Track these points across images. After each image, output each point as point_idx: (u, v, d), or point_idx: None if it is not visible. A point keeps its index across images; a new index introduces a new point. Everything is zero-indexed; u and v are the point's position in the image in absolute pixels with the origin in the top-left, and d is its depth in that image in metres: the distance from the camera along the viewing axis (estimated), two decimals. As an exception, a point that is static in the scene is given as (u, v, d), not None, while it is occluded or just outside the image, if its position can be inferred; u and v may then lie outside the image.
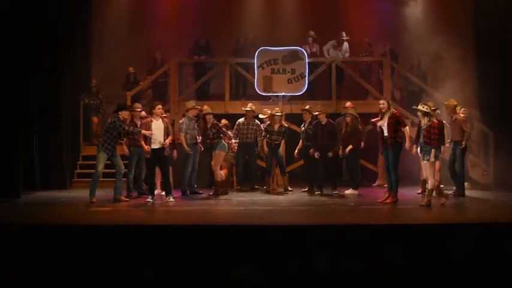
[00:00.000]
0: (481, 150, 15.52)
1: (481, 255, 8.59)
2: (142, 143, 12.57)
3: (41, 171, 15.11)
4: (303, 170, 15.15)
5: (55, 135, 15.43)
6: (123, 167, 12.81)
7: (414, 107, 12.17)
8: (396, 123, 12.00)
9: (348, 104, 14.64)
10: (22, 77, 14.11)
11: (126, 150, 13.49)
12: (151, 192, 12.66)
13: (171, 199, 12.60)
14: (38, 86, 14.87)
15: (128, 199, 12.87)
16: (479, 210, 11.73)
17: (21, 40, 14.03)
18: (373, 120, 13.28)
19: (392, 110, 12.14)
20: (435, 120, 11.78)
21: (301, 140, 14.42)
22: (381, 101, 12.34)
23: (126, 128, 12.54)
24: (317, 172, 14.05)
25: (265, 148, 14.49)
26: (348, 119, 13.88)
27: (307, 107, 14.53)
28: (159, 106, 12.84)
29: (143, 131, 12.46)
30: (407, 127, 12.22)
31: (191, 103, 14.02)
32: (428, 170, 11.75)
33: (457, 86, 14.65)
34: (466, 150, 13.55)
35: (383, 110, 12.19)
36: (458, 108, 13.61)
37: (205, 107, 13.94)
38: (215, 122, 13.65)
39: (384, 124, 12.15)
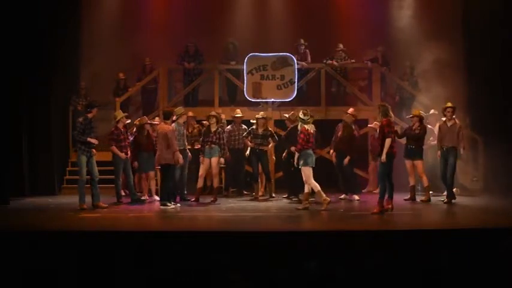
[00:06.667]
0: (470, 155, 15.52)
1: (471, 260, 8.61)
2: (117, 150, 13.23)
3: (30, 177, 15.04)
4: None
5: (44, 140, 15.37)
6: (98, 173, 12.69)
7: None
8: (382, 133, 11.64)
9: (350, 110, 14.60)
10: (11, 82, 14.07)
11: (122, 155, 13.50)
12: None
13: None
14: (27, 92, 14.83)
15: (106, 205, 12.67)
16: (469, 215, 11.77)
17: (10, 43, 14.01)
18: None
19: (381, 118, 11.72)
20: (305, 127, 12.10)
21: None
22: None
23: (76, 134, 12.59)
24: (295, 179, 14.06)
25: (247, 153, 14.44)
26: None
27: (288, 115, 14.48)
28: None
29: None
30: (388, 139, 11.54)
31: (180, 109, 13.92)
32: (306, 174, 11.96)
33: (447, 90, 14.66)
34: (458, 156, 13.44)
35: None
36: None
37: (212, 112, 14.34)
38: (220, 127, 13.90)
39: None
